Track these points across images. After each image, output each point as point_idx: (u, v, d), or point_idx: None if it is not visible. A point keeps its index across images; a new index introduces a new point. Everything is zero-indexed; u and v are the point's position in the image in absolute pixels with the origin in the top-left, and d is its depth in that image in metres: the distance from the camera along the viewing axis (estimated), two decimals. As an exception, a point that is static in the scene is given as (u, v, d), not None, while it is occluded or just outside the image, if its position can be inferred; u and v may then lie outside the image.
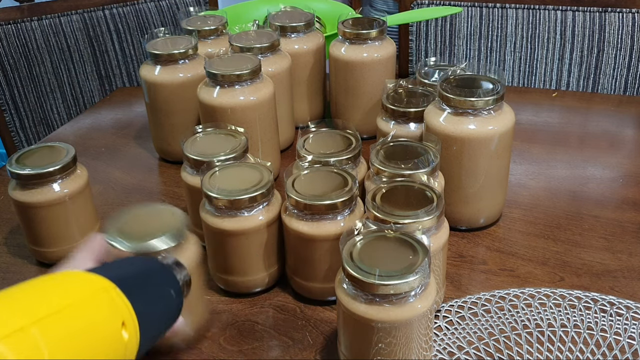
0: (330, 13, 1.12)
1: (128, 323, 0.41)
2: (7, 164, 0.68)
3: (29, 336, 0.34)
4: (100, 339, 0.39)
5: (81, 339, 0.37)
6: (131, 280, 0.44)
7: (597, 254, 0.70)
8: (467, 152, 0.68)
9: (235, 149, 0.69)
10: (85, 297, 0.40)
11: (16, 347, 0.33)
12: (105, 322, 0.40)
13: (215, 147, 0.69)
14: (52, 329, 0.35)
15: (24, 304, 0.37)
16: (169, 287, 0.48)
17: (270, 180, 0.63)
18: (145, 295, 0.44)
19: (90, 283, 0.41)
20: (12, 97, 1.27)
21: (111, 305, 0.41)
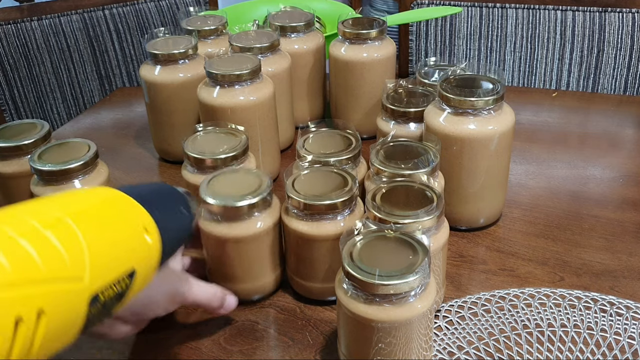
0: (330, 13, 1.12)
1: (150, 229, 0.45)
2: (29, 159, 0.69)
3: (67, 225, 0.37)
4: (126, 237, 0.43)
5: (110, 234, 0.41)
6: (147, 196, 0.47)
7: (597, 254, 0.70)
8: (467, 152, 0.68)
9: (236, 148, 0.69)
10: (111, 201, 0.44)
11: (60, 234, 0.36)
12: (129, 222, 0.44)
13: (215, 146, 0.69)
14: (85, 222, 0.39)
15: (59, 203, 0.40)
16: (181, 205, 0.52)
17: (268, 186, 0.62)
18: (161, 209, 0.47)
19: (113, 192, 0.45)
20: (12, 97, 1.27)
21: (134, 211, 0.45)
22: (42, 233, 0.36)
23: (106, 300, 0.39)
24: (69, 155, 0.69)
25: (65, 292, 0.36)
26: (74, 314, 0.37)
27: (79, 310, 0.37)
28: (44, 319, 0.34)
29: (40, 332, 0.34)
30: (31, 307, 0.33)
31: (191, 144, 0.70)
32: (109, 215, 0.42)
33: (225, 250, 0.62)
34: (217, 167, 0.68)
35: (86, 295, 0.37)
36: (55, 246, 0.36)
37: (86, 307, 0.37)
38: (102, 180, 0.70)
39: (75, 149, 0.71)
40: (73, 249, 0.37)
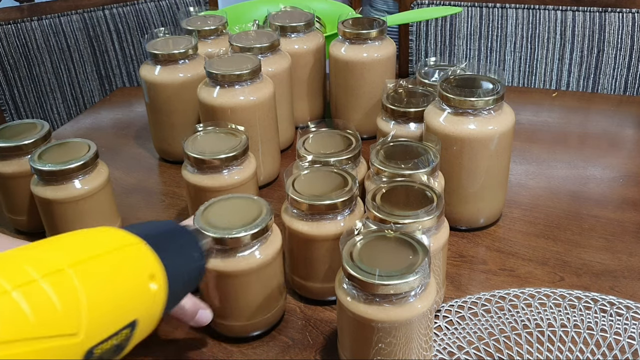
0: (330, 13, 1.12)
1: (157, 275, 0.43)
2: (29, 159, 0.69)
3: (67, 277, 0.36)
4: (129, 288, 0.41)
5: (112, 286, 0.39)
6: (158, 238, 0.46)
7: (597, 254, 0.70)
8: (467, 152, 0.68)
9: (236, 148, 0.69)
10: (117, 248, 0.42)
11: (56, 286, 0.35)
12: (134, 272, 0.42)
13: (215, 146, 0.69)
14: (86, 273, 0.37)
15: (61, 249, 0.39)
16: (192, 249, 0.50)
17: (268, 215, 0.57)
18: (171, 252, 0.46)
19: (122, 237, 0.43)
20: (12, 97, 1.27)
21: (140, 258, 0.43)
22: (39, 285, 0.34)
23: (102, 354, 0.38)
24: (69, 155, 0.69)
25: (58, 348, 0.34)
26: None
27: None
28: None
29: None
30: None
31: (191, 144, 0.70)
32: (113, 265, 0.41)
33: (220, 285, 0.58)
34: (217, 167, 0.68)
35: (80, 351, 0.36)
36: (50, 300, 0.34)
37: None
38: (102, 180, 0.70)
39: (75, 149, 0.71)
40: (70, 303, 0.35)
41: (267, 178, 0.85)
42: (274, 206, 0.81)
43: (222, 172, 0.69)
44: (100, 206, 0.71)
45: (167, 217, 0.81)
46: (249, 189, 0.71)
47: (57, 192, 0.68)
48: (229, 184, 0.69)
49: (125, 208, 0.81)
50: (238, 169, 0.69)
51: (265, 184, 0.86)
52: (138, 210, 0.82)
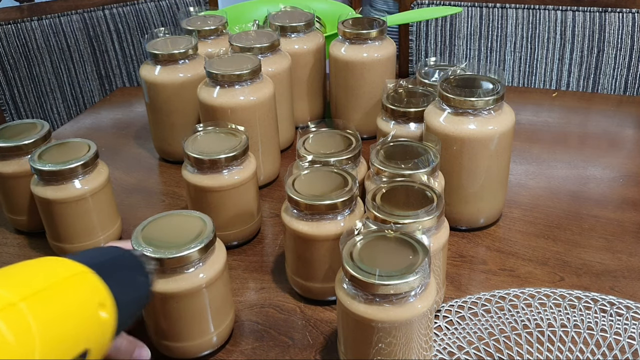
0: (330, 13, 1.12)
1: (106, 304, 0.44)
2: (29, 159, 0.69)
3: (19, 311, 0.36)
4: (80, 317, 0.41)
5: (64, 316, 0.40)
6: (104, 266, 0.46)
7: (597, 254, 0.70)
8: (467, 152, 0.68)
9: (236, 148, 0.69)
10: (67, 278, 0.42)
11: (8, 321, 0.35)
12: (85, 301, 0.42)
13: (215, 146, 0.69)
14: (38, 306, 0.37)
15: (11, 282, 0.39)
16: (138, 273, 0.51)
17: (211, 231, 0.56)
18: (117, 279, 0.46)
19: (69, 266, 0.43)
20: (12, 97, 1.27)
21: (89, 286, 0.43)
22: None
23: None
24: (69, 155, 0.69)
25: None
26: None
27: None
28: None
29: None
30: None
31: (191, 144, 0.70)
32: (63, 295, 0.41)
33: (162, 307, 0.55)
34: (217, 167, 0.68)
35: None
36: (3, 335, 0.34)
37: None
38: (103, 180, 0.70)
39: (75, 149, 0.71)
40: (23, 336, 0.35)
41: (267, 178, 0.85)
42: (274, 206, 0.82)
43: (222, 172, 0.69)
44: (101, 206, 0.71)
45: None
46: (249, 189, 0.71)
47: (57, 192, 0.68)
48: (229, 184, 0.69)
49: (125, 208, 0.81)
50: (238, 169, 0.69)
51: (265, 184, 0.86)
52: (138, 210, 0.82)
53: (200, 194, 0.69)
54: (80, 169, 0.68)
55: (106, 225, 0.73)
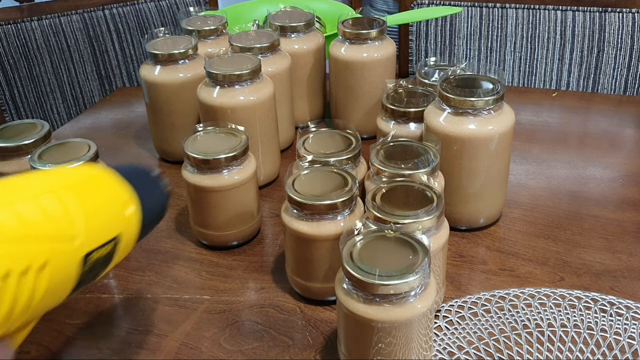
0: (330, 13, 1.12)
1: (132, 201, 0.48)
2: (29, 159, 0.69)
3: (63, 193, 0.41)
4: (111, 207, 0.46)
5: (99, 203, 0.45)
6: (127, 174, 0.50)
7: (597, 254, 0.70)
8: (467, 152, 0.68)
9: (236, 148, 0.69)
10: (97, 175, 0.47)
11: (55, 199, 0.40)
12: (114, 195, 0.47)
13: (215, 146, 0.69)
14: (77, 191, 0.42)
15: (48, 176, 0.44)
16: (155, 186, 0.55)
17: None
18: (139, 186, 0.50)
19: (97, 168, 0.48)
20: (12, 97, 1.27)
21: (117, 186, 0.48)
22: (39, 199, 0.39)
23: (95, 262, 0.43)
24: (69, 155, 0.69)
25: (63, 250, 0.39)
26: (69, 271, 0.40)
27: (73, 267, 0.41)
28: (47, 272, 0.38)
29: (43, 284, 0.37)
30: (36, 260, 0.37)
31: (191, 144, 0.70)
32: (96, 188, 0.46)
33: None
34: (217, 167, 0.68)
35: (79, 255, 0.41)
36: (51, 209, 0.39)
37: (79, 266, 0.41)
38: None
39: (75, 149, 0.71)
40: (67, 213, 0.40)
41: (267, 178, 0.85)
42: (273, 206, 0.82)
43: (222, 172, 0.69)
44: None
45: (166, 217, 0.81)
46: (249, 188, 0.71)
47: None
48: (229, 184, 0.69)
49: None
50: (238, 169, 0.69)
51: (265, 184, 0.86)
52: (138, 210, 0.82)
53: (200, 194, 0.69)
54: None
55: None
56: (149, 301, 0.67)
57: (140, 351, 0.61)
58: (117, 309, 0.66)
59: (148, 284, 0.69)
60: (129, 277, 0.70)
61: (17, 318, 0.37)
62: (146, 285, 0.69)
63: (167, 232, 0.77)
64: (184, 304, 0.66)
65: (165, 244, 0.75)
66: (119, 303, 0.67)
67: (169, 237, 0.76)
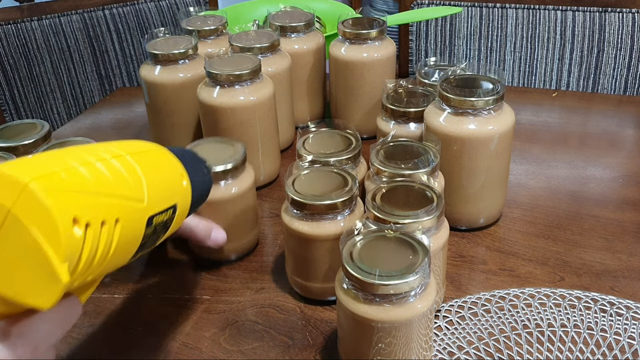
0: (330, 13, 1.12)
1: (185, 175, 0.51)
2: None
3: (128, 159, 0.43)
4: (170, 177, 0.49)
5: (159, 171, 0.47)
6: (178, 152, 0.53)
7: (597, 254, 0.70)
8: (467, 152, 0.68)
9: (233, 159, 0.66)
10: (154, 149, 0.49)
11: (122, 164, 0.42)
12: (171, 167, 0.50)
13: (212, 157, 0.64)
14: (140, 159, 0.44)
15: (111, 144, 0.45)
16: (202, 166, 0.58)
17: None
18: (189, 165, 0.53)
19: (154, 144, 0.50)
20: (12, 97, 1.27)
21: (172, 160, 0.51)
22: (110, 161, 0.41)
23: (157, 226, 0.45)
24: None
25: (132, 209, 0.41)
26: (137, 230, 0.42)
27: (140, 227, 0.42)
28: (119, 227, 0.39)
29: (115, 239, 0.39)
30: (112, 214, 0.39)
31: None
32: (156, 158, 0.49)
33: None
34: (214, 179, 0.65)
35: (145, 216, 0.43)
36: (121, 171, 0.41)
37: (144, 226, 0.43)
38: None
39: None
40: (134, 176, 0.42)
41: (267, 178, 0.85)
42: (274, 206, 0.82)
43: (219, 184, 0.66)
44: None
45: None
46: (247, 201, 0.69)
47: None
48: (226, 197, 0.66)
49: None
50: (235, 181, 0.67)
51: (265, 184, 0.86)
52: (138, 210, 0.82)
53: None
54: None
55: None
56: (149, 301, 0.67)
57: (141, 351, 0.61)
58: (117, 308, 0.66)
59: (148, 283, 0.69)
60: (129, 277, 0.70)
61: (94, 269, 0.38)
62: (146, 285, 0.69)
63: (167, 232, 0.77)
64: (184, 304, 0.66)
65: (165, 244, 0.75)
66: (119, 303, 0.67)
67: (169, 237, 0.76)
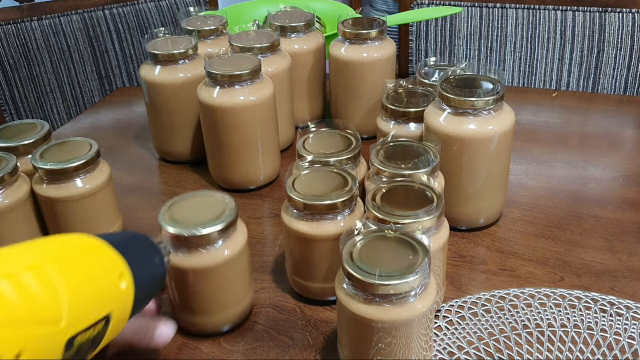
0: (330, 13, 1.12)
1: (125, 275, 0.45)
2: (31, 158, 0.69)
3: (46, 269, 0.37)
4: (102, 283, 0.43)
5: (87, 279, 0.41)
6: (121, 243, 0.47)
7: (597, 254, 0.70)
8: (467, 152, 0.68)
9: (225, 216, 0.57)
10: (87, 248, 0.43)
11: (37, 277, 0.36)
12: (105, 269, 0.44)
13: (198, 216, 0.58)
14: (63, 267, 0.39)
15: (35, 249, 0.40)
16: (154, 255, 0.52)
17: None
18: (133, 257, 0.47)
19: (90, 240, 0.45)
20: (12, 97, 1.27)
21: (109, 258, 0.45)
22: (21, 276, 0.36)
23: (81, 345, 0.39)
24: (70, 154, 0.69)
25: (43, 335, 0.36)
26: (50, 357, 0.37)
27: (55, 353, 0.37)
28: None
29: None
30: (11, 348, 0.33)
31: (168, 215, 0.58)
32: (86, 262, 0.42)
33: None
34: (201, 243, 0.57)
35: (63, 339, 0.37)
36: (33, 289, 0.36)
37: (62, 351, 0.37)
38: (104, 179, 0.70)
39: (76, 148, 0.71)
40: (51, 292, 0.37)
41: (267, 178, 0.85)
42: (274, 206, 0.82)
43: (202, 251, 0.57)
44: (102, 205, 0.71)
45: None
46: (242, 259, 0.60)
47: (58, 191, 0.68)
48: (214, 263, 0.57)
49: (125, 208, 0.81)
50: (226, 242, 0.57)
51: (265, 184, 0.86)
52: (138, 210, 0.82)
53: (182, 276, 0.58)
54: (82, 168, 0.68)
55: (107, 224, 0.73)
56: (149, 301, 0.66)
57: (140, 351, 0.60)
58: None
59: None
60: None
61: None
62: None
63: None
64: (184, 304, 0.66)
65: (165, 244, 0.75)
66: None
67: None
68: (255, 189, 0.85)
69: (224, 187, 0.85)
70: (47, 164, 0.67)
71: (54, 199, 0.68)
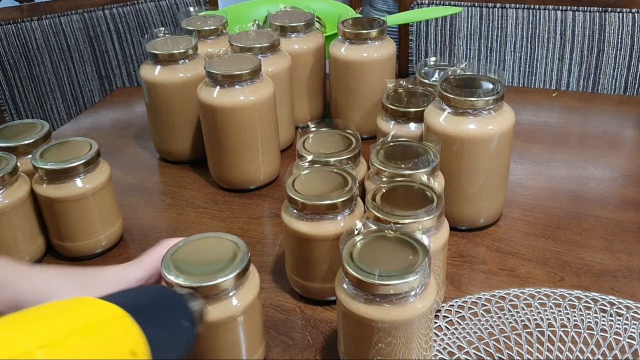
0: (330, 13, 1.12)
1: (138, 353, 0.40)
2: (32, 158, 0.69)
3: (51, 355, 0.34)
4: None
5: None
6: (142, 308, 0.43)
7: (597, 254, 0.70)
8: (467, 152, 0.68)
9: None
10: (95, 323, 0.39)
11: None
12: (112, 349, 0.39)
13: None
14: (57, 355, 0.35)
15: (30, 327, 0.36)
16: (181, 317, 0.46)
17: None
18: (156, 324, 0.43)
19: (102, 310, 0.40)
20: (12, 97, 1.27)
21: (120, 333, 0.40)
22: None
23: None
24: (70, 154, 0.69)
25: None
26: None
27: None
28: None
29: None
30: None
31: None
32: (88, 342, 0.38)
33: None
34: None
35: None
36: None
37: None
38: (104, 179, 0.70)
39: (76, 148, 0.71)
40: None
41: (267, 178, 0.85)
42: (274, 206, 0.82)
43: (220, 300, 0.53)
44: (102, 204, 0.71)
45: (167, 217, 0.81)
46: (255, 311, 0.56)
47: (59, 191, 0.68)
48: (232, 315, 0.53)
49: (125, 208, 0.81)
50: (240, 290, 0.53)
51: (265, 184, 0.86)
52: (138, 210, 0.82)
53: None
54: (82, 168, 0.68)
55: (107, 223, 0.73)
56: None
57: (140, 351, 0.60)
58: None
59: (148, 284, 0.69)
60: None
61: None
62: (146, 285, 0.69)
63: (168, 232, 0.77)
64: (184, 304, 0.65)
65: (165, 244, 0.75)
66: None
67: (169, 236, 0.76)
68: (255, 189, 0.85)
69: (224, 187, 0.85)
70: (47, 164, 0.67)
71: (54, 199, 0.68)
